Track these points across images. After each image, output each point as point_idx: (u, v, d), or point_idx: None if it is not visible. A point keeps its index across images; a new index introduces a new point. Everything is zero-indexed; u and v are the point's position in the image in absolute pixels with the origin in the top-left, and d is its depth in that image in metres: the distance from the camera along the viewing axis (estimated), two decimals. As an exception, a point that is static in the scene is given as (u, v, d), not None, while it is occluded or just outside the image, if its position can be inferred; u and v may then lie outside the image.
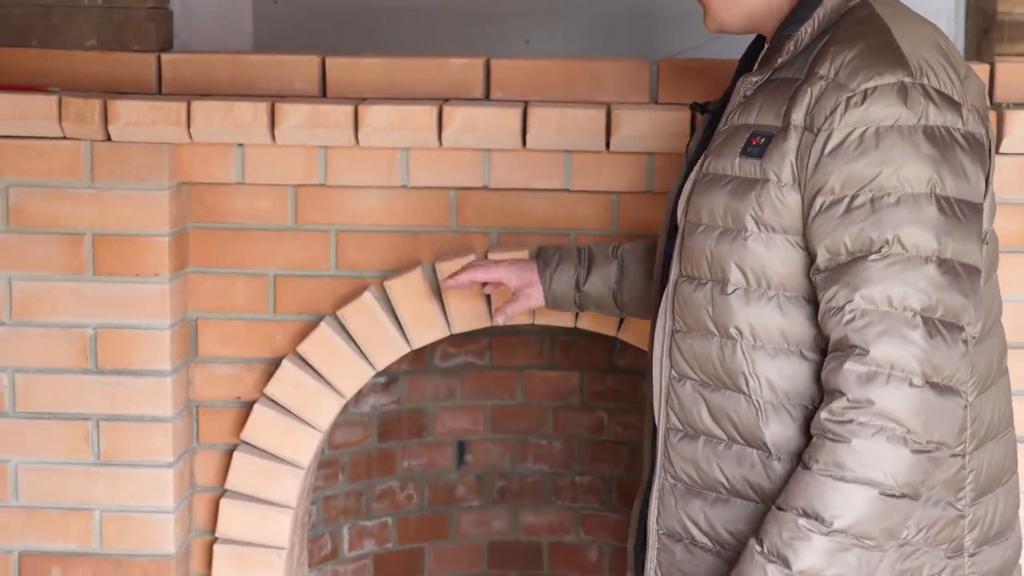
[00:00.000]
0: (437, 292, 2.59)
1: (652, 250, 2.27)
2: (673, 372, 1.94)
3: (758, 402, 1.87)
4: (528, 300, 2.32)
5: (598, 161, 2.57)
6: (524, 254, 2.41)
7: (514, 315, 2.33)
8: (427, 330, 2.59)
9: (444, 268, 2.56)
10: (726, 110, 2.01)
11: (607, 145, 2.52)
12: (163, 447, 2.57)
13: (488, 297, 2.54)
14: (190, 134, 2.47)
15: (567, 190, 2.58)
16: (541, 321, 2.55)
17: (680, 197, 2.03)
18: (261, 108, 2.44)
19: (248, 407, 2.58)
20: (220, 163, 2.49)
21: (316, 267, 2.55)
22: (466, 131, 2.52)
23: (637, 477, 3.02)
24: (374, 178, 2.51)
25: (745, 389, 1.88)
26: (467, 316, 2.59)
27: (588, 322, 2.58)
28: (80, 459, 2.53)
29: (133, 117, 2.42)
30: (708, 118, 2.08)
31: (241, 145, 2.51)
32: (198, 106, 2.43)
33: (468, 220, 2.56)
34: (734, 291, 1.89)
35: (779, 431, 1.86)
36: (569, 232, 2.56)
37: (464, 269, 2.31)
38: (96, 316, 2.51)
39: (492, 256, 2.43)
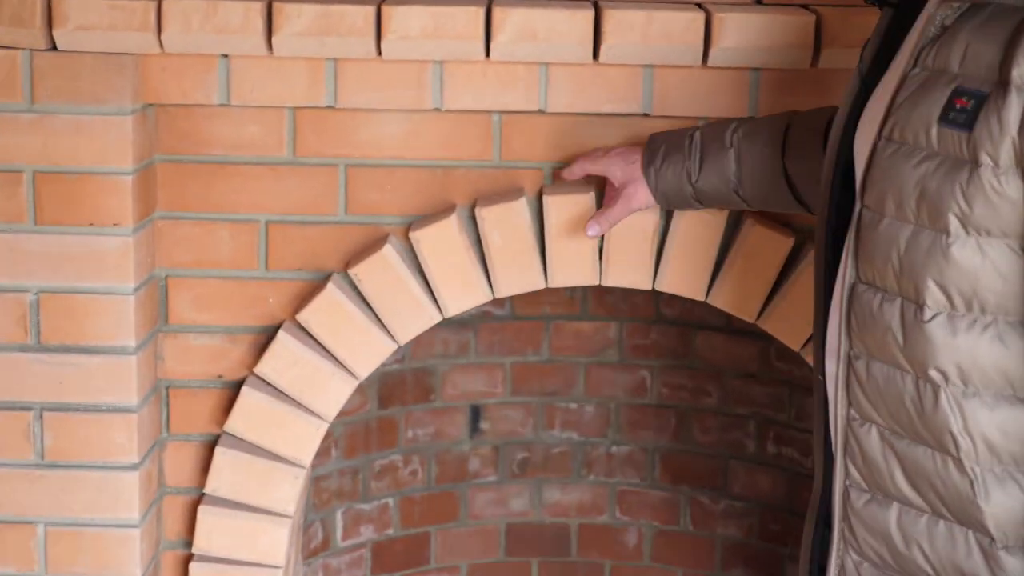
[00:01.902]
0: (477, 244, 2.20)
1: (776, 133, 1.95)
2: (852, 412, 1.45)
3: (973, 469, 1.44)
4: (630, 201, 2.05)
5: (687, 79, 2.16)
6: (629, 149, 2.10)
7: (616, 221, 2.04)
8: (465, 293, 2.21)
9: (487, 214, 2.18)
10: (914, 42, 1.49)
11: (704, 58, 2.00)
12: (126, 443, 2.19)
13: (544, 261, 2.15)
14: (160, 42, 2.10)
15: (645, 115, 2.18)
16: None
17: (857, 156, 1.51)
18: (254, 9, 2.07)
19: (234, 389, 2.24)
20: (199, 80, 2.12)
21: (321, 211, 2.20)
22: (522, 40, 2.09)
23: (684, 449, 2.88)
24: (398, 99, 2.15)
25: (953, 451, 1.44)
26: (516, 275, 2.20)
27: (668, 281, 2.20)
28: (18, 459, 2.18)
29: (86, 19, 2.06)
30: (887, 23, 1.57)
31: (226, 56, 2.14)
32: (171, 6, 2.07)
33: (515, 153, 2.20)
34: (934, 317, 1.45)
35: (1005, 509, 1.41)
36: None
37: (577, 161, 2.09)
38: (38, 277, 2.14)
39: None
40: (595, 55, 2.11)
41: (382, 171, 2.19)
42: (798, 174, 1.93)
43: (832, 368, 1.58)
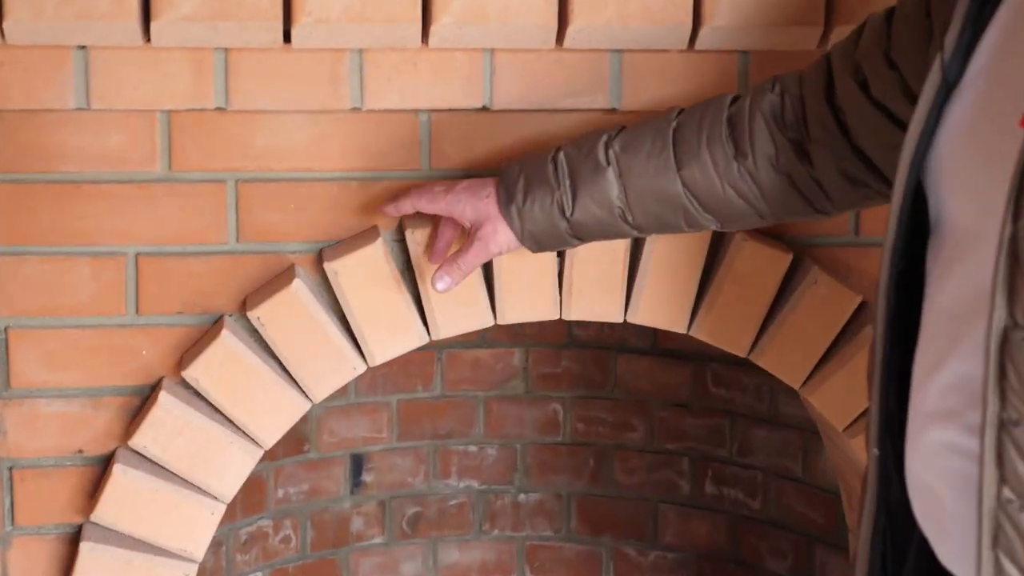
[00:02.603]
0: (408, 275, 2.01)
1: (661, 138, 1.78)
2: (1007, 492, 1.25)
3: None
4: (487, 244, 1.86)
5: (665, 66, 1.98)
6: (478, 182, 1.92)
7: (471, 269, 1.87)
8: (395, 337, 2.02)
9: (422, 237, 1.99)
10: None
11: (691, 41, 1.87)
12: (-35, 545, 1.93)
13: (492, 293, 2.01)
14: (1, 30, 1.83)
15: (613, 110, 2.00)
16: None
17: (969, 166, 1.32)
18: (127, -14, 1.82)
19: (99, 467, 2.03)
20: (49, 78, 1.90)
21: (206, 239, 2.01)
22: (469, 21, 1.89)
23: (605, 493, 2.85)
24: (307, 98, 1.95)
25: None
26: (458, 313, 2.02)
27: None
28: None
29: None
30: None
31: (84, 48, 1.90)
32: (17, -18, 1.81)
33: (449, 160, 2.01)
34: None
35: None
36: None
37: (405, 194, 1.92)
38: None
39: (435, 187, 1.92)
40: (559, 39, 1.88)
41: (284, 186, 2.01)
42: (696, 186, 1.73)
43: (957, 438, 1.37)
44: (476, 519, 2.95)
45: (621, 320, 2.04)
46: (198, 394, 1.99)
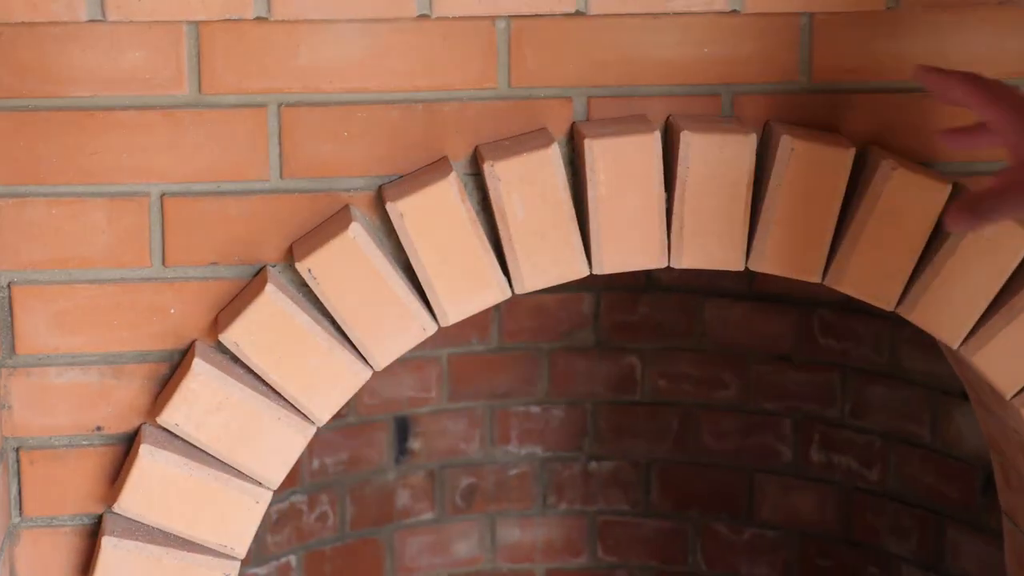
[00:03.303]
0: (486, 215, 1.96)
1: None
2: None
3: None
4: None
5: None
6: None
7: (1001, 217, 1.59)
8: (472, 291, 1.98)
9: (504, 171, 1.93)
10: None
11: None
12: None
13: (585, 236, 1.95)
14: None
15: (733, 12, 1.95)
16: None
17: None
18: None
19: (122, 447, 2.02)
20: None
21: (244, 175, 1.98)
22: None
23: (692, 460, 2.90)
24: (362, 3, 1.92)
25: None
26: (547, 261, 1.97)
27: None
28: None
29: None
30: None
31: None
32: None
33: (532, 75, 1.97)
34: None
35: None
36: (720, 90, 2.00)
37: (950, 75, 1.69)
38: None
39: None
40: None
41: (336, 111, 1.97)
42: None
43: None
44: (540, 491, 3.00)
45: (742, 268, 1.99)
46: (238, 361, 1.97)
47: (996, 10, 1.94)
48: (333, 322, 1.96)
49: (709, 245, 1.96)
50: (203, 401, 1.94)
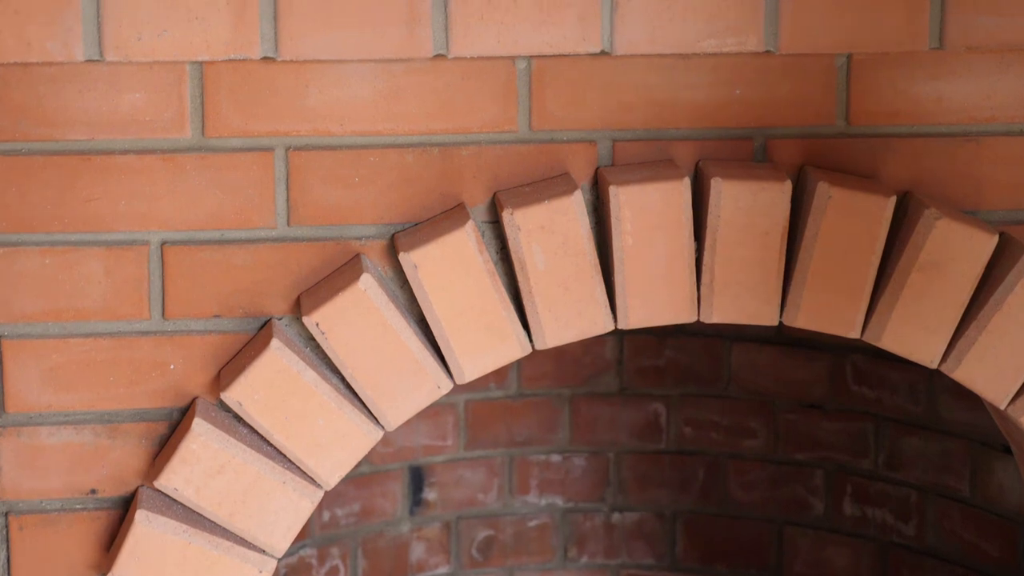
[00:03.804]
0: (505, 266, 1.91)
1: None
2: None
3: None
4: None
5: None
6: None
7: None
8: (490, 347, 1.92)
9: (525, 219, 1.87)
10: None
11: None
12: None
13: (610, 288, 1.89)
14: None
15: (767, 53, 1.89)
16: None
17: None
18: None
19: (117, 511, 1.97)
20: (49, 19, 1.85)
21: (249, 223, 1.93)
22: None
23: (719, 512, 2.87)
24: (377, 42, 1.87)
25: None
26: (570, 316, 1.91)
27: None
28: None
29: None
30: None
31: None
32: None
33: (554, 118, 1.93)
34: None
35: None
36: (753, 134, 1.94)
37: None
38: None
39: None
40: None
41: (347, 155, 1.93)
42: None
43: None
44: (560, 543, 2.97)
45: (776, 323, 1.94)
46: (241, 420, 1.92)
47: None
48: (342, 379, 1.90)
49: (741, 298, 1.90)
50: (204, 463, 1.88)
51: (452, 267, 1.86)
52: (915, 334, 1.90)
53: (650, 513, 2.94)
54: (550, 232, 1.85)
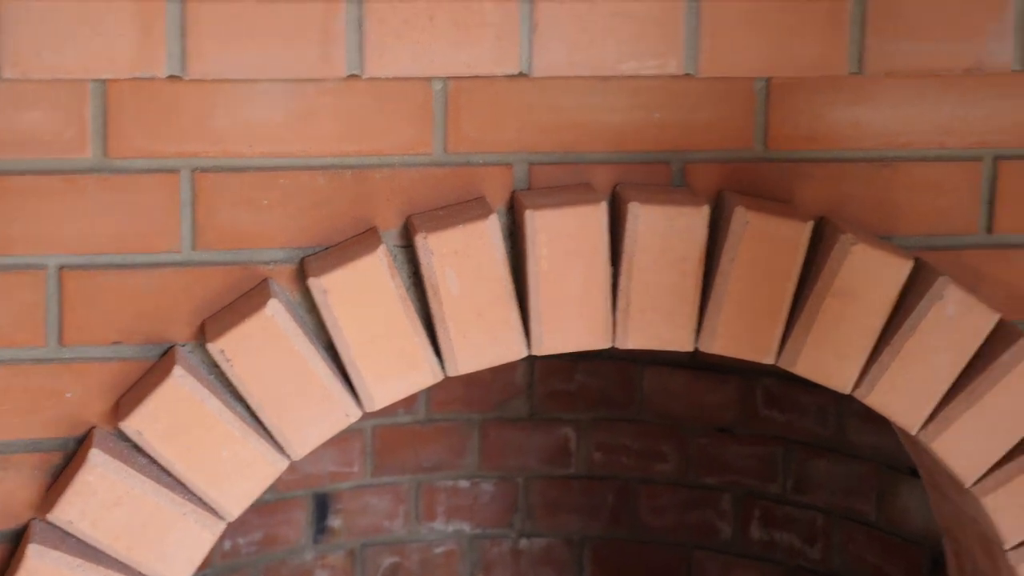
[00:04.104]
0: (417, 291, 1.87)
1: None
2: None
3: None
4: None
5: (758, 13, 1.85)
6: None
7: None
8: (402, 373, 1.88)
9: (438, 244, 1.84)
10: None
11: None
12: None
13: (524, 314, 1.86)
14: None
15: (687, 76, 1.87)
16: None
17: None
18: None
19: (8, 545, 1.92)
20: None
21: (152, 247, 1.89)
22: None
23: (628, 537, 2.85)
24: (286, 63, 1.84)
25: None
26: (483, 343, 1.88)
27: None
28: None
29: None
30: None
31: None
32: None
33: (470, 140, 1.91)
34: None
35: None
36: (671, 157, 1.91)
37: None
38: None
39: None
40: None
41: (255, 177, 1.88)
42: None
43: None
44: (467, 570, 2.94)
45: (691, 349, 1.92)
46: (141, 450, 1.87)
47: (961, 78, 1.88)
48: (247, 407, 1.86)
49: (657, 324, 1.88)
50: (100, 495, 1.83)
51: (363, 293, 1.83)
52: (829, 360, 1.89)
53: (559, 539, 2.91)
54: (465, 257, 1.82)
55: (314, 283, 1.81)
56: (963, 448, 1.90)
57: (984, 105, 1.87)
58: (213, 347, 1.81)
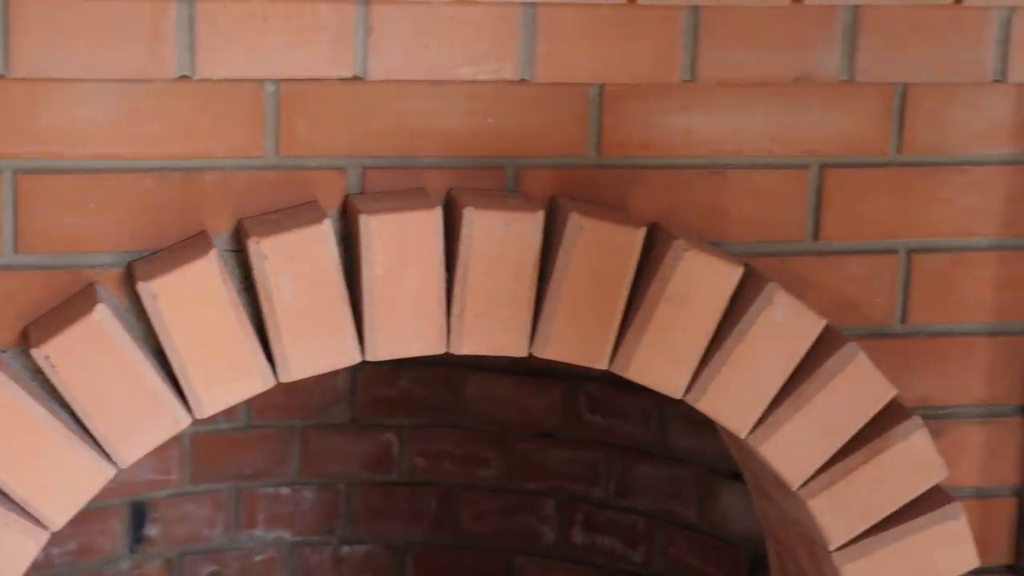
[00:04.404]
0: (248, 296, 1.82)
1: None
2: None
3: None
4: None
5: (593, 21, 1.83)
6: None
7: None
8: (233, 381, 1.83)
9: (272, 248, 1.79)
10: None
11: None
12: None
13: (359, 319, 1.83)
14: None
15: (522, 81, 1.85)
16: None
17: None
18: None
19: None
20: None
21: None
22: None
23: (451, 543, 2.81)
24: (114, 62, 1.77)
25: None
26: (316, 348, 1.84)
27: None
28: None
29: None
30: None
31: None
32: None
33: (302, 143, 1.86)
34: None
35: None
36: (505, 163, 1.89)
37: None
38: None
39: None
40: None
41: (81, 179, 1.81)
42: None
43: None
44: None
45: (526, 354, 1.89)
46: None
47: (791, 87, 1.88)
48: (73, 415, 1.78)
49: (492, 330, 1.85)
50: None
51: (194, 298, 1.77)
52: (661, 365, 1.88)
53: (380, 546, 2.86)
54: (298, 262, 1.77)
55: (143, 288, 1.75)
56: (790, 451, 1.90)
57: (811, 114, 1.88)
58: (37, 353, 1.74)
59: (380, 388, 2.80)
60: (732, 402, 1.89)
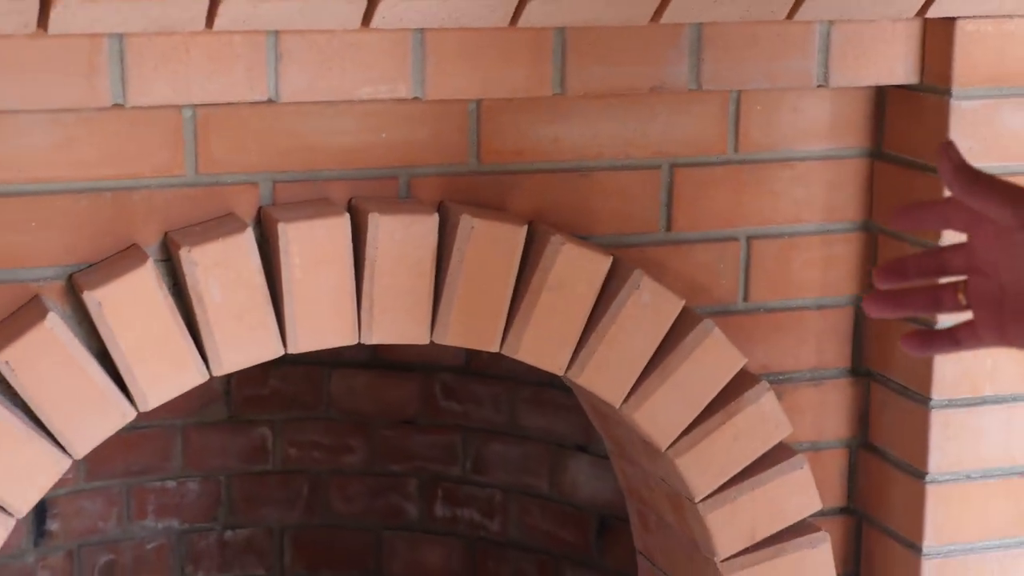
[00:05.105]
0: (179, 298, 1.80)
1: None
2: None
3: None
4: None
5: (475, 44, 1.84)
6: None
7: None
8: (171, 376, 1.81)
9: (202, 256, 1.78)
10: None
11: (515, 16, 1.77)
12: None
13: (280, 316, 1.81)
14: None
15: (415, 99, 1.85)
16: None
17: None
18: None
19: None
20: None
21: None
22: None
23: (323, 523, 2.75)
24: (55, 94, 1.73)
25: None
26: (244, 343, 1.82)
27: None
28: None
29: None
30: None
31: None
32: None
33: (218, 162, 1.84)
34: None
35: None
36: (398, 173, 1.90)
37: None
38: None
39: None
40: (366, 18, 1.70)
41: (23, 201, 1.77)
42: None
43: None
44: (177, 562, 2.78)
45: (428, 342, 1.88)
46: None
47: (645, 96, 1.91)
48: (30, 413, 1.74)
49: (398, 321, 1.85)
50: None
51: (135, 303, 1.74)
52: (546, 346, 1.89)
53: (260, 530, 2.78)
54: (225, 267, 1.76)
55: (89, 297, 1.72)
56: (659, 417, 1.92)
57: (662, 120, 1.92)
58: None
59: (252, 387, 2.72)
60: (607, 376, 1.91)
